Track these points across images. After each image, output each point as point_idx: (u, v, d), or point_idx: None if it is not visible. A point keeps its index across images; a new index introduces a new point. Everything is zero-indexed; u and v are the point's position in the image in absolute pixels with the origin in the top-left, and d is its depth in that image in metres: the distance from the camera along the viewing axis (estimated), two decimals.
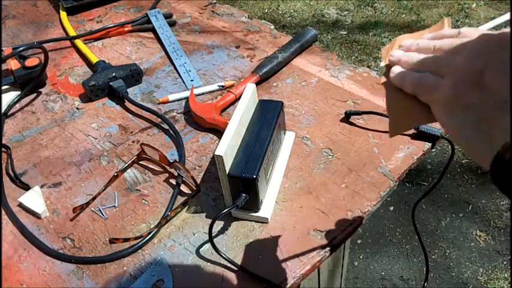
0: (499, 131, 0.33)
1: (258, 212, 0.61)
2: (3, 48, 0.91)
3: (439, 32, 0.44)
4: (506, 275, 1.55)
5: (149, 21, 1.01)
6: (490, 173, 0.33)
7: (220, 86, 0.84)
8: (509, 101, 0.33)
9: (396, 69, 0.43)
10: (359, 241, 1.70)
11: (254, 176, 0.57)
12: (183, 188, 0.67)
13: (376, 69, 2.38)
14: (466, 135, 0.36)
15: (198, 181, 0.67)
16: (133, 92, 0.86)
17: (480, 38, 0.37)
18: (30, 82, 0.84)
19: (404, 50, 0.44)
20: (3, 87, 0.85)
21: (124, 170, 0.70)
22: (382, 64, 0.46)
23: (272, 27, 1.00)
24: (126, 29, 1.01)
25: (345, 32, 2.69)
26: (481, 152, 0.35)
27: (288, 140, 0.72)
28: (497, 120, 0.33)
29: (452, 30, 0.43)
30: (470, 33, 0.40)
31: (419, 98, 0.40)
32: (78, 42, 0.97)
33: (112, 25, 1.00)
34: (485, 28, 0.42)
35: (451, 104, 0.36)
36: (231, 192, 0.60)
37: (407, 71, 0.42)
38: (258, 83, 0.83)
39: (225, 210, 0.58)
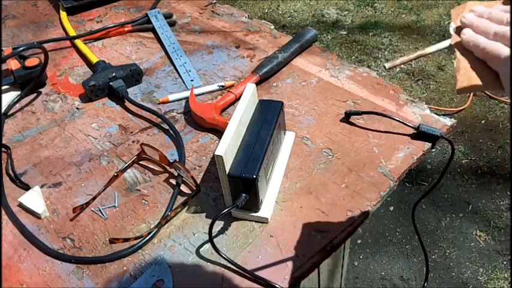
0: None
1: (258, 212, 0.61)
2: (3, 48, 0.91)
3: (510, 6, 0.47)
4: (506, 275, 1.55)
5: (149, 21, 1.01)
6: None
7: (220, 86, 0.84)
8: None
9: (468, 32, 0.46)
10: (359, 241, 1.70)
11: (254, 176, 0.57)
12: (183, 188, 0.67)
13: (376, 69, 2.38)
14: None
15: (198, 181, 0.67)
16: (133, 92, 0.86)
17: None
18: (30, 82, 0.84)
19: (476, 15, 0.47)
20: (3, 87, 0.85)
21: (124, 170, 0.70)
22: (453, 26, 0.50)
23: (272, 27, 1.00)
24: (126, 29, 1.01)
25: (345, 32, 2.69)
26: None
27: (288, 140, 0.72)
28: None
29: None
30: None
31: (488, 63, 0.44)
32: (78, 42, 0.97)
33: (112, 25, 1.00)
34: None
35: None
36: (231, 192, 0.60)
37: (479, 35, 0.45)
38: (258, 83, 0.83)
39: (225, 210, 0.58)
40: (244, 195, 0.58)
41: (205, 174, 0.69)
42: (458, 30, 0.49)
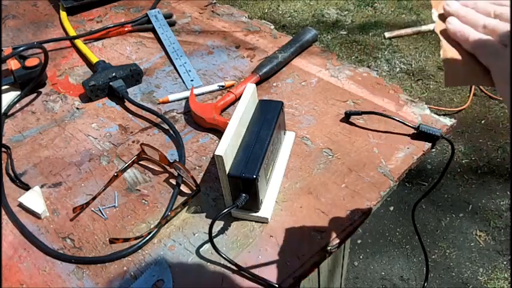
0: None
1: (258, 212, 0.61)
2: (3, 48, 0.91)
3: None
4: (506, 275, 1.55)
5: (149, 21, 1.01)
6: None
7: (220, 86, 0.84)
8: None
9: (454, 21, 0.44)
10: (359, 241, 1.70)
11: (254, 176, 0.57)
12: (183, 188, 0.67)
13: (376, 69, 2.38)
14: None
15: (198, 181, 0.67)
16: (133, 92, 0.86)
17: None
18: (30, 82, 0.84)
19: (461, 3, 0.45)
20: (3, 87, 0.85)
21: (124, 170, 0.70)
22: (435, 13, 0.47)
23: (272, 27, 1.00)
24: (126, 29, 1.01)
25: (345, 32, 2.69)
26: None
27: (288, 140, 0.72)
28: None
29: None
30: None
31: (478, 57, 0.42)
32: (78, 42, 0.97)
33: (112, 25, 1.00)
34: None
35: None
36: (231, 192, 0.60)
37: (467, 26, 0.43)
38: (258, 83, 0.83)
39: (225, 210, 0.58)
40: (244, 195, 0.58)
41: (205, 174, 0.69)
42: (442, 18, 0.47)
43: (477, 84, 0.44)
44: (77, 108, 0.83)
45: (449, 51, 0.45)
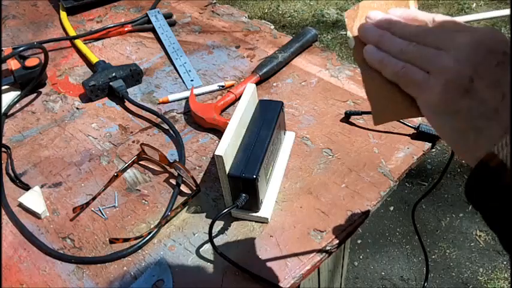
0: (484, 140, 0.33)
1: (258, 212, 0.61)
2: (3, 48, 0.91)
3: (410, 13, 0.42)
4: (506, 275, 1.55)
5: (149, 21, 1.01)
6: (469, 178, 0.34)
7: (220, 86, 0.84)
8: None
9: (371, 50, 0.41)
10: (359, 241, 1.70)
11: (254, 176, 0.57)
12: (183, 188, 0.67)
13: None
14: (454, 139, 0.36)
15: (198, 181, 0.67)
16: (133, 92, 0.86)
17: (468, 37, 0.35)
18: (30, 82, 0.84)
19: (374, 24, 0.41)
20: (3, 87, 0.85)
21: (124, 170, 0.70)
22: (350, 36, 0.43)
23: (272, 27, 1.00)
24: (126, 29, 1.01)
25: (345, 32, 2.68)
26: (467, 155, 0.35)
27: (288, 140, 0.72)
28: (484, 130, 0.33)
29: (425, 15, 0.41)
30: (447, 23, 0.39)
31: (403, 88, 0.39)
32: (78, 42, 0.97)
33: (112, 25, 1.00)
34: (461, 20, 0.40)
35: (441, 107, 0.35)
36: (231, 192, 0.60)
37: (385, 54, 0.39)
38: (258, 83, 0.83)
39: (225, 210, 0.58)
40: (244, 195, 0.58)
41: (205, 174, 0.69)
42: (359, 43, 0.42)
43: (409, 117, 0.41)
44: (77, 108, 0.83)
45: (371, 84, 0.41)
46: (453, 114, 0.35)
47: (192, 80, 0.86)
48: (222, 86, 0.84)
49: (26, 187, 0.69)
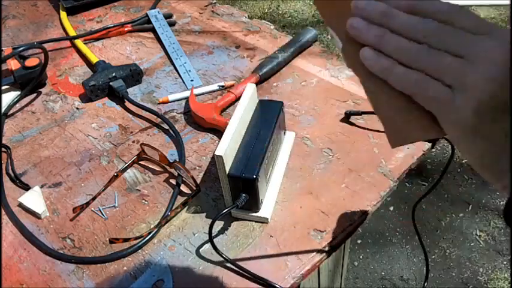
0: None
1: (258, 212, 0.61)
2: (3, 48, 0.91)
3: (417, 2, 0.32)
4: (506, 275, 1.55)
5: (149, 21, 1.01)
6: (508, 201, 0.30)
7: (220, 86, 0.84)
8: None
9: (370, 56, 0.33)
10: (359, 241, 1.70)
11: (254, 176, 0.57)
12: (183, 188, 0.67)
13: None
14: (485, 163, 0.32)
15: (198, 181, 0.67)
16: (133, 92, 0.86)
17: (496, 48, 0.29)
18: (30, 82, 0.84)
19: (365, 17, 0.33)
20: (3, 87, 0.85)
21: (124, 170, 0.70)
22: (333, 34, 0.34)
23: (272, 27, 1.00)
24: (126, 29, 1.01)
25: None
26: (500, 178, 0.31)
27: (288, 140, 0.72)
28: None
29: (436, 4, 0.31)
30: (461, 16, 0.31)
31: (417, 100, 0.32)
32: (78, 42, 0.97)
33: (112, 25, 1.00)
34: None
35: (472, 130, 0.30)
36: (231, 192, 0.60)
37: (390, 61, 0.32)
38: (258, 83, 0.83)
39: (225, 210, 0.58)
40: (244, 195, 0.58)
41: (205, 174, 0.69)
42: (348, 45, 0.33)
43: (430, 138, 0.33)
44: (77, 108, 0.83)
45: (378, 98, 0.33)
46: (486, 137, 0.30)
47: (192, 80, 0.86)
48: (222, 86, 0.84)
49: (26, 187, 0.69)
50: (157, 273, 0.57)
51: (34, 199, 0.66)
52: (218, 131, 0.75)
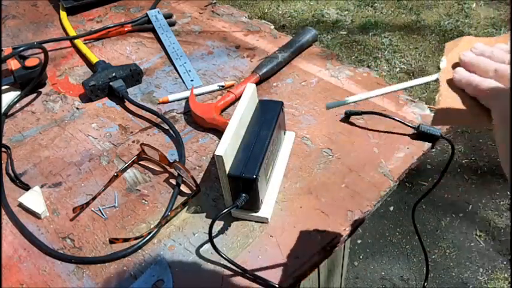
0: None
1: (258, 212, 0.61)
2: (3, 48, 0.91)
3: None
4: (506, 275, 1.55)
5: (149, 21, 1.01)
6: None
7: (220, 86, 0.84)
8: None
9: (462, 71, 0.45)
10: (359, 241, 1.70)
11: (254, 176, 0.57)
12: (183, 188, 0.67)
13: (376, 69, 2.38)
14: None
15: (198, 181, 0.67)
16: (133, 92, 0.86)
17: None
18: (30, 82, 0.84)
19: (477, 54, 0.46)
20: (3, 87, 0.85)
21: (124, 170, 0.70)
22: (444, 61, 0.49)
23: (272, 27, 1.00)
24: (126, 29, 1.01)
25: (344, 32, 2.68)
26: None
27: (288, 140, 0.72)
28: None
29: None
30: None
31: (480, 100, 0.43)
32: (78, 42, 0.97)
33: (112, 25, 1.00)
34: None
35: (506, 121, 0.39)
36: (231, 192, 0.60)
37: (474, 75, 0.44)
38: (258, 83, 0.83)
39: (225, 210, 0.58)
40: (244, 195, 0.58)
41: (205, 174, 0.69)
42: (450, 66, 0.48)
43: (467, 124, 0.48)
44: (77, 108, 0.83)
45: (447, 98, 0.45)
46: None
47: (192, 80, 0.86)
48: (222, 86, 0.84)
49: (26, 187, 0.69)
50: (157, 273, 0.57)
51: (34, 199, 0.66)
52: (218, 131, 0.75)
